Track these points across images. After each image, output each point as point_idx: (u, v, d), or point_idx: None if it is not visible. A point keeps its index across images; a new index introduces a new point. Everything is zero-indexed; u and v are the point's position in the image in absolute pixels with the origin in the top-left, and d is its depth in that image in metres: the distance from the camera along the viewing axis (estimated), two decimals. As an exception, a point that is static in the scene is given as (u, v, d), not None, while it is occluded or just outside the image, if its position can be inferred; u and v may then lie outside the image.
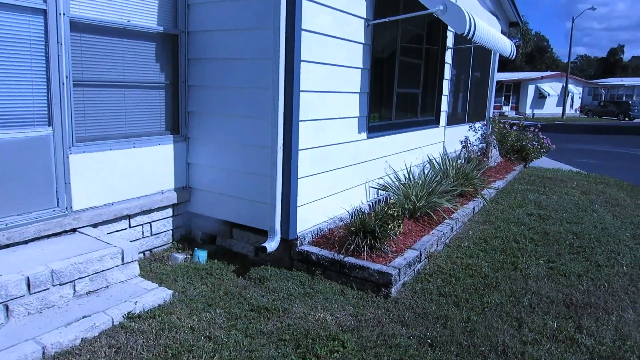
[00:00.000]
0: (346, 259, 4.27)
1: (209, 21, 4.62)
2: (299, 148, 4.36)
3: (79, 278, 3.46)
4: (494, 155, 9.87)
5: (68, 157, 3.93)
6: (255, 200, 4.59)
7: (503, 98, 41.93)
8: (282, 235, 4.42)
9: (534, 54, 72.05)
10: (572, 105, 47.59)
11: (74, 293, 3.45)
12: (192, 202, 5.08)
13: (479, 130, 9.96)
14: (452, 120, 8.82)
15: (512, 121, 12.37)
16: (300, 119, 4.30)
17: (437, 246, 5.13)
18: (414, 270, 4.48)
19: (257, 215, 4.61)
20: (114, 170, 4.32)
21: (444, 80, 7.87)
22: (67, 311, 3.30)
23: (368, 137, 5.61)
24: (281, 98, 4.16)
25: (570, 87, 44.31)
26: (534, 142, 11.04)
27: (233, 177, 4.73)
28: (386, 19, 5.33)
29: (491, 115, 11.88)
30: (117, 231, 4.41)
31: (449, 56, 7.96)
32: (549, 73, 46.82)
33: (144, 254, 4.73)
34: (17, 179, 3.64)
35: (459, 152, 8.85)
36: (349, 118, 5.16)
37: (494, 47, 6.02)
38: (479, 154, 9.48)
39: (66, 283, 3.39)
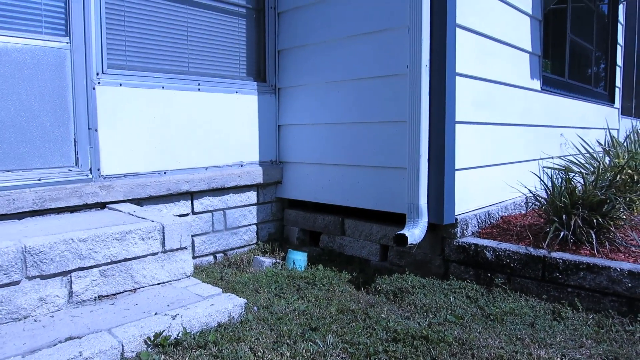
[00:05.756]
0: (554, 254, 2.36)
1: None
2: (456, 71, 2.61)
3: (79, 269, 1.91)
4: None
5: (94, 89, 2.50)
6: (383, 167, 2.86)
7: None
8: (430, 217, 2.63)
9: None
10: None
11: (70, 295, 1.88)
12: (285, 185, 3.45)
13: None
14: (623, 111, 6.58)
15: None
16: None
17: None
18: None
19: (387, 193, 2.87)
20: (168, 120, 2.83)
21: (617, 46, 5.78)
22: (45, 327, 1.72)
23: (542, 89, 3.72)
24: None
25: None
26: None
27: (344, 137, 3.05)
28: None
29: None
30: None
31: (621, 13, 5.87)
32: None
33: (215, 257, 3.15)
34: (9, 111, 2.24)
35: None
36: (519, 50, 3.34)
37: None
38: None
39: (53, 276, 1.84)
